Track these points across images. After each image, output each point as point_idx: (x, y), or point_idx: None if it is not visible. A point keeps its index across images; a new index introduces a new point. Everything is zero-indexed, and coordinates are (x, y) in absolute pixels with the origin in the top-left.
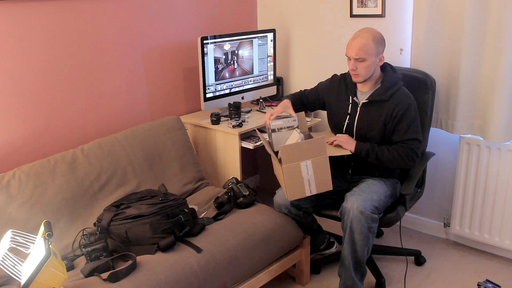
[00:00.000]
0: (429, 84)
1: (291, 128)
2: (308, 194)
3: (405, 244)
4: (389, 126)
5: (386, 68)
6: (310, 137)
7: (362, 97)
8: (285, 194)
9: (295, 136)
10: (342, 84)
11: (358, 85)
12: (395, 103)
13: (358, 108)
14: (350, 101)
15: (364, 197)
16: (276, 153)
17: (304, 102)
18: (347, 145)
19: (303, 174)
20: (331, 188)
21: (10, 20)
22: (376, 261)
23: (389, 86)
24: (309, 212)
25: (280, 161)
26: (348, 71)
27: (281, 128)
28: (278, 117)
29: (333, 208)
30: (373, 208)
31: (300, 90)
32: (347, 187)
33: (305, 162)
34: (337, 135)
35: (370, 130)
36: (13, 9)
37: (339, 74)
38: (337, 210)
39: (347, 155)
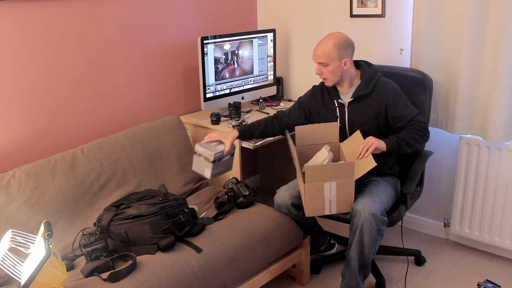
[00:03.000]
0: (426, 84)
1: (207, 160)
2: (327, 213)
3: (405, 244)
4: (381, 117)
5: (361, 64)
6: (340, 151)
7: (346, 97)
8: (304, 208)
9: (324, 154)
10: (324, 91)
11: (338, 87)
12: (379, 94)
13: (346, 109)
14: (336, 104)
15: (374, 199)
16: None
17: (267, 130)
18: (377, 147)
19: (325, 194)
20: (351, 209)
21: (10, 20)
22: (376, 261)
23: (369, 79)
24: None
25: (303, 177)
26: None
27: (199, 155)
28: (207, 143)
29: None
30: (383, 210)
31: (274, 114)
32: (356, 187)
33: (329, 183)
34: (363, 144)
35: (363, 126)
36: (13, 9)
37: (319, 83)
38: None
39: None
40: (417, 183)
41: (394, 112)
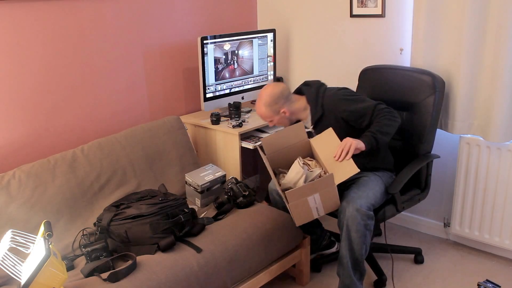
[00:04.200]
0: (436, 86)
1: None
2: (316, 217)
3: (405, 244)
4: (345, 126)
5: (302, 90)
6: (309, 145)
7: (309, 124)
8: (293, 220)
9: (298, 170)
10: (293, 123)
11: (300, 119)
12: (331, 110)
13: (314, 134)
14: (307, 131)
15: (359, 194)
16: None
17: None
18: (357, 147)
19: (311, 204)
20: (339, 206)
21: (10, 20)
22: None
23: (315, 102)
24: None
25: (285, 198)
26: None
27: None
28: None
29: None
30: (369, 205)
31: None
32: (344, 183)
33: (312, 196)
34: (341, 145)
35: None
36: (13, 9)
37: None
38: None
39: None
40: (420, 187)
41: (352, 117)
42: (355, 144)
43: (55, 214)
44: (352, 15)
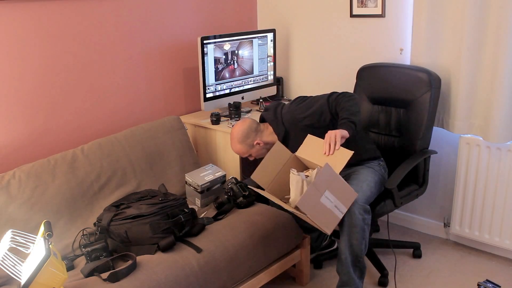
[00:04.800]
0: (432, 83)
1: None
2: (340, 216)
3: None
4: (316, 131)
5: (263, 117)
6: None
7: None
8: (323, 231)
9: (297, 180)
10: None
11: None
12: (292, 122)
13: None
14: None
15: (354, 188)
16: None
17: None
18: (342, 136)
19: (328, 205)
20: (357, 195)
21: (10, 20)
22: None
23: (275, 123)
24: None
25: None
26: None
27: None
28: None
29: None
30: (364, 199)
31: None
32: None
33: (323, 195)
34: (326, 140)
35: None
36: (13, 9)
37: None
38: None
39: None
40: (418, 183)
41: (313, 119)
42: (339, 133)
43: (55, 214)
44: (352, 15)
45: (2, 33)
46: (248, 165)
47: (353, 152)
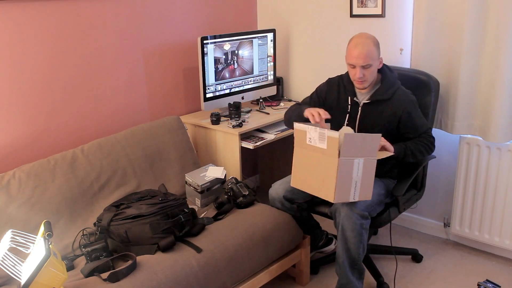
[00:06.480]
0: (431, 86)
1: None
2: (351, 199)
3: (405, 244)
4: (393, 125)
5: (383, 68)
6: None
7: (363, 97)
8: (332, 195)
9: (348, 130)
10: (340, 86)
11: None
12: (397, 103)
13: (359, 108)
14: (350, 102)
15: None
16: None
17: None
18: (388, 148)
19: (353, 173)
20: (370, 198)
21: (10, 20)
22: (374, 261)
23: (389, 85)
24: (303, 208)
25: (334, 152)
26: (345, 74)
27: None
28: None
29: (327, 205)
30: (364, 206)
31: (296, 104)
32: None
33: (358, 160)
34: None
35: (372, 129)
36: (13, 9)
37: (335, 77)
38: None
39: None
40: (417, 187)
41: (407, 123)
42: (387, 144)
43: (55, 214)
44: (352, 15)
45: (2, 33)
46: (248, 165)
47: (393, 153)
